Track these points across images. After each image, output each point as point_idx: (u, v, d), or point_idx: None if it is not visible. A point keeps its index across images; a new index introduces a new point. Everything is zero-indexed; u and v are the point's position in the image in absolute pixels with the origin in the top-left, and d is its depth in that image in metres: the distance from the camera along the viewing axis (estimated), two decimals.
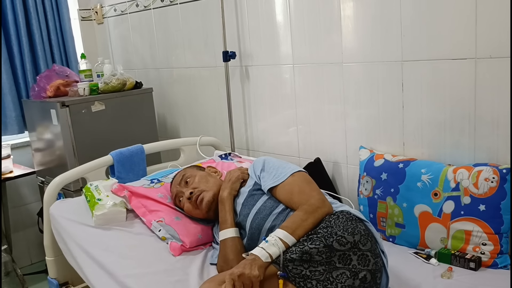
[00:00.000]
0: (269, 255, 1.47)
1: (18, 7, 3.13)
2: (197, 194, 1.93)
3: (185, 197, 1.96)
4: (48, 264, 2.33)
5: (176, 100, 3.26)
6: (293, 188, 1.75)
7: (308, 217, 1.60)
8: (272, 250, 1.48)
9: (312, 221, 1.60)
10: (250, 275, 1.40)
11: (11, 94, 3.18)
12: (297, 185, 1.76)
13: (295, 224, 1.58)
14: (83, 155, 2.74)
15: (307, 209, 1.63)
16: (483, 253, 1.79)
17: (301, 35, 2.41)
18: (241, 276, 1.40)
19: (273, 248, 1.48)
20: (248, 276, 1.40)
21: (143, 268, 1.78)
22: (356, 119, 2.29)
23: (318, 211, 1.63)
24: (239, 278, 1.40)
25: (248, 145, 2.87)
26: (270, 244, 1.50)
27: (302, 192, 1.73)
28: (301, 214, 1.62)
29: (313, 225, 1.59)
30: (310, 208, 1.64)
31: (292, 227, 1.57)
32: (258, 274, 1.41)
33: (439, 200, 1.87)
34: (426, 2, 1.94)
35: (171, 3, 3.06)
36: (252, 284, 1.41)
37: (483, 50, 1.82)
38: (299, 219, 1.60)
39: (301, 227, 1.57)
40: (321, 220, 1.61)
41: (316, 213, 1.62)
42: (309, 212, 1.62)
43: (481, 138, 1.91)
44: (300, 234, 1.55)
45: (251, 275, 1.41)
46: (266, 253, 1.47)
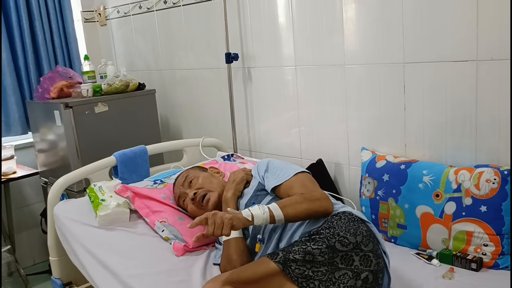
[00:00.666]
0: (251, 214, 1.53)
1: (21, 9, 3.15)
2: (202, 194, 1.95)
3: (189, 198, 1.97)
4: (52, 264, 2.34)
5: (179, 102, 3.28)
6: (295, 184, 1.76)
7: (303, 202, 1.62)
8: (255, 212, 1.54)
9: (306, 207, 1.60)
10: (223, 216, 1.48)
11: (14, 95, 3.19)
12: (299, 181, 1.77)
13: (288, 201, 1.62)
14: (86, 156, 2.75)
15: (305, 196, 1.65)
16: (485, 254, 1.80)
17: (303, 37, 2.42)
18: (214, 215, 1.48)
19: (257, 211, 1.55)
20: (221, 216, 1.48)
21: (146, 268, 1.80)
22: (358, 121, 2.30)
23: (316, 202, 1.63)
24: (212, 216, 1.48)
25: (250, 146, 2.88)
26: (256, 208, 1.56)
27: (304, 186, 1.74)
28: (298, 197, 1.64)
29: (307, 211, 1.60)
30: (309, 196, 1.65)
31: (284, 203, 1.61)
32: (230, 217, 1.49)
33: (440, 201, 1.88)
34: (427, 4, 1.95)
35: (174, 5, 3.07)
36: (223, 226, 1.47)
37: (484, 52, 1.83)
38: (294, 200, 1.63)
39: (292, 206, 1.60)
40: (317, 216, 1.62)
41: (313, 203, 1.62)
42: (306, 199, 1.63)
43: (482, 140, 1.91)
44: (289, 212, 1.57)
45: (224, 216, 1.48)
46: (249, 212, 1.54)
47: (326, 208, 1.63)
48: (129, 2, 3.37)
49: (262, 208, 1.56)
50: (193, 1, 2.94)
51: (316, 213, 1.63)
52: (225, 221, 1.47)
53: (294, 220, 1.64)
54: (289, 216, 1.58)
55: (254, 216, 1.53)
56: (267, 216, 1.54)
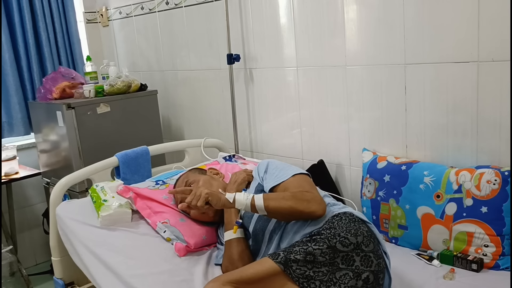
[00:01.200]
0: (233, 198, 1.63)
1: (25, 10, 3.16)
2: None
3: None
4: (54, 264, 2.35)
5: (181, 102, 3.28)
6: (292, 184, 1.75)
7: (290, 199, 1.62)
8: (239, 197, 1.63)
9: (290, 205, 1.60)
10: (202, 190, 1.63)
11: (17, 95, 3.21)
12: (296, 182, 1.76)
13: (273, 195, 1.66)
14: (88, 156, 2.76)
15: (295, 194, 1.65)
16: (485, 255, 1.80)
17: (305, 38, 2.43)
18: (197, 188, 1.65)
19: (241, 197, 1.63)
20: (201, 189, 1.63)
21: (148, 269, 1.80)
22: (359, 122, 2.31)
23: (303, 203, 1.61)
24: (195, 188, 1.65)
25: (252, 147, 2.88)
26: (242, 194, 1.64)
27: (300, 186, 1.72)
28: (287, 193, 1.66)
29: (291, 209, 1.60)
30: (299, 195, 1.64)
31: (270, 196, 1.66)
32: (207, 192, 1.62)
33: (441, 202, 1.89)
34: (428, 5, 1.95)
35: (176, 6, 3.08)
36: (199, 198, 1.61)
37: (486, 53, 1.83)
38: (281, 195, 1.66)
39: (276, 200, 1.63)
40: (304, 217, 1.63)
41: (300, 202, 1.61)
42: (295, 197, 1.63)
43: (483, 141, 1.92)
44: (270, 205, 1.61)
45: (203, 190, 1.63)
46: (233, 196, 1.64)
47: (313, 211, 1.61)
48: (131, 3, 3.38)
49: (246, 195, 1.63)
50: (195, 2, 2.95)
51: (301, 214, 1.62)
52: (202, 194, 1.61)
53: (276, 215, 1.66)
54: (269, 209, 1.60)
55: (236, 200, 1.62)
56: (248, 203, 1.61)
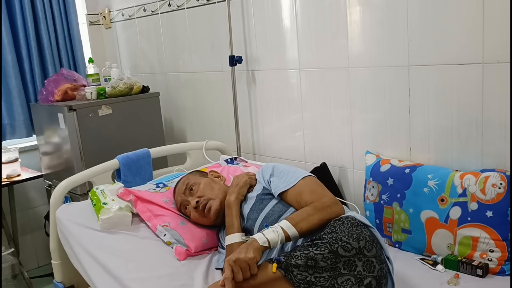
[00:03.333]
0: (267, 240, 1.51)
1: (27, 12, 3.16)
2: (204, 203, 1.93)
3: (192, 206, 1.94)
4: (54, 268, 2.33)
5: (183, 104, 3.27)
6: (304, 189, 1.75)
7: (315, 213, 1.61)
8: (271, 236, 1.52)
9: (319, 218, 1.60)
10: (246, 258, 1.44)
11: (19, 97, 3.20)
12: (308, 186, 1.76)
13: (299, 217, 1.60)
14: (90, 159, 2.75)
15: (316, 206, 1.64)
16: (491, 260, 1.77)
17: (308, 39, 2.41)
18: (237, 261, 1.44)
19: (272, 235, 1.53)
20: (244, 259, 1.43)
21: (148, 272, 1.79)
22: (363, 124, 2.28)
23: (327, 210, 1.62)
24: (235, 263, 1.43)
25: (254, 149, 2.87)
26: (270, 231, 1.54)
27: (314, 192, 1.73)
28: (309, 209, 1.63)
29: (320, 221, 1.59)
30: (320, 205, 1.64)
31: (296, 219, 1.59)
32: (253, 256, 1.45)
33: (445, 206, 1.86)
34: (432, 6, 1.93)
35: (178, 8, 3.07)
36: (250, 267, 1.43)
37: (491, 55, 1.81)
38: (305, 213, 1.61)
39: (305, 220, 1.58)
40: (327, 224, 1.60)
41: (325, 211, 1.62)
42: (317, 208, 1.62)
43: (488, 144, 1.89)
44: (303, 228, 1.56)
45: (246, 258, 1.44)
46: (264, 237, 1.51)
47: (337, 213, 1.63)
48: (133, 5, 3.38)
49: (276, 230, 1.54)
50: (197, 4, 2.94)
51: (329, 220, 1.62)
52: (250, 262, 1.44)
53: (308, 233, 1.62)
54: (303, 231, 1.57)
55: (270, 241, 1.52)
56: (282, 237, 1.53)
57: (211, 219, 1.93)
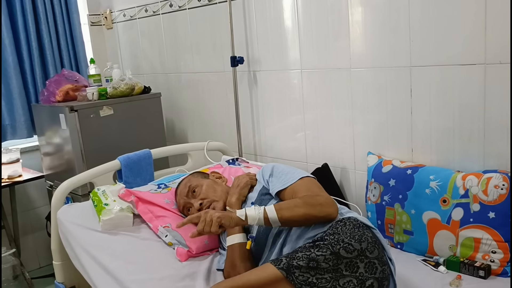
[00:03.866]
0: (245, 214, 1.55)
1: (28, 12, 3.16)
2: (208, 205, 1.93)
3: (195, 209, 1.94)
4: (55, 268, 2.33)
5: (184, 105, 3.27)
6: (301, 188, 1.74)
7: (303, 206, 1.60)
8: (250, 213, 1.56)
9: (304, 212, 1.58)
10: (213, 214, 1.53)
11: (20, 98, 3.20)
12: (305, 186, 1.75)
13: (286, 204, 1.62)
14: (91, 159, 2.75)
15: (307, 200, 1.63)
16: (493, 261, 1.77)
17: (309, 40, 2.40)
18: (206, 212, 1.55)
19: (252, 212, 1.57)
20: (211, 214, 1.54)
21: (149, 274, 1.78)
22: (364, 125, 2.28)
23: (317, 207, 1.60)
24: (204, 213, 1.55)
25: (255, 150, 2.86)
26: (252, 208, 1.58)
27: (310, 190, 1.72)
28: (298, 200, 1.63)
29: (305, 216, 1.58)
30: (311, 201, 1.62)
31: (281, 205, 1.61)
32: (219, 215, 1.53)
33: (447, 207, 1.85)
34: (434, 7, 1.92)
35: (180, 8, 3.07)
36: (212, 223, 1.52)
37: (493, 56, 1.80)
38: (293, 203, 1.62)
39: (289, 209, 1.59)
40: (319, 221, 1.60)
41: (313, 208, 1.60)
42: (307, 203, 1.61)
43: (490, 145, 1.89)
44: (285, 215, 1.57)
45: (214, 214, 1.53)
46: (243, 212, 1.56)
47: (328, 214, 1.61)
48: (135, 5, 3.38)
49: (257, 209, 1.57)
50: (199, 5, 2.94)
51: (316, 218, 1.60)
52: (213, 219, 1.52)
53: (291, 224, 1.63)
54: (284, 219, 1.57)
55: (248, 216, 1.56)
56: (261, 217, 1.56)
57: None
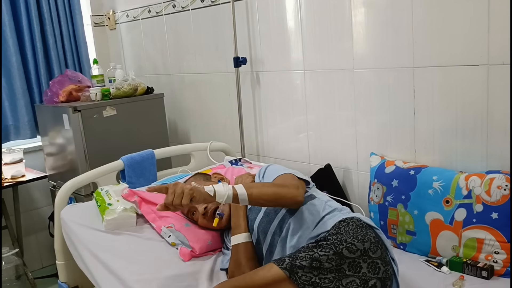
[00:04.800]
0: (213, 190, 1.54)
1: (32, 13, 3.17)
2: (212, 209, 1.91)
3: (200, 213, 1.93)
4: (58, 268, 2.34)
5: (187, 106, 3.27)
6: (277, 180, 1.77)
7: (271, 186, 1.65)
8: (218, 188, 1.55)
9: (273, 191, 1.62)
10: (183, 186, 1.50)
11: (24, 98, 3.21)
12: (282, 178, 1.78)
13: (255, 184, 1.67)
14: (94, 159, 2.76)
15: (276, 183, 1.68)
16: (496, 262, 1.77)
17: (312, 41, 2.41)
18: (175, 185, 1.51)
19: (221, 188, 1.56)
20: (181, 186, 1.50)
21: (152, 274, 1.78)
22: (367, 125, 2.28)
23: (284, 189, 1.65)
24: (173, 186, 1.51)
25: (258, 150, 2.86)
26: (221, 185, 1.57)
27: (283, 179, 1.75)
28: (267, 182, 1.68)
29: (274, 196, 1.61)
30: (279, 183, 1.68)
31: (251, 185, 1.64)
32: (191, 188, 1.50)
33: (450, 207, 1.85)
34: (437, 8, 1.93)
35: (183, 9, 3.07)
36: (183, 195, 1.48)
37: (496, 56, 1.80)
38: (262, 184, 1.67)
39: (258, 188, 1.62)
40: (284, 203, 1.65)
41: (281, 188, 1.64)
42: (275, 185, 1.66)
43: (493, 145, 1.88)
44: (254, 193, 1.58)
45: (184, 186, 1.50)
46: (212, 187, 1.54)
47: (293, 196, 1.64)
48: (138, 6, 3.38)
49: (226, 186, 1.57)
50: (202, 5, 2.94)
51: (284, 199, 1.64)
52: (185, 191, 1.49)
53: (260, 203, 1.65)
54: (253, 197, 1.58)
55: (216, 192, 1.54)
56: (230, 194, 1.55)
57: (222, 224, 1.89)
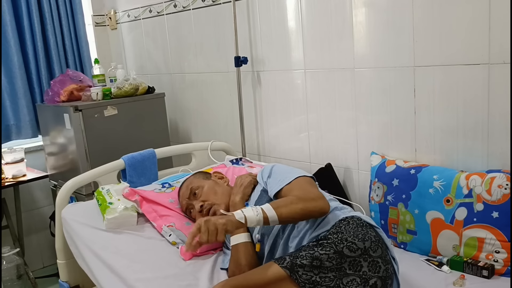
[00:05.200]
0: (244, 216, 1.49)
1: (33, 13, 3.18)
2: (208, 208, 1.93)
3: (196, 210, 1.95)
4: (59, 267, 2.34)
5: (188, 105, 3.28)
6: (294, 187, 1.73)
7: (298, 202, 1.58)
8: (249, 214, 1.50)
9: (301, 207, 1.57)
10: (216, 222, 1.44)
11: (25, 98, 3.22)
12: (298, 185, 1.74)
13: (282, 202, 1.60)
14: (95, 159, 2.76)
15: (300, 196, 1.62)
16: (496, 261, 1.77)
17: (313, 40, 2.41)
18: (207, 221, 1.44)
19: (251, 213, 1.51)
20: (214, 222, 1.44)
21: (153, 272, 1.79)
22: (368, 125, 2.28)
23: (311, 202, 1.60)
24: (205, 223, 1.44)
25: (259, 150, 2.87)
26: (250, 209, 1.52)
27: (302, 189, 1.71)
28: (292, 198, 1.62)
29: (302, 211, 1.56)
30: (304, 196, 1.62)
31: (278, 203, 1.58)
32: (224, 222, 1.45)
33: (451, 206, 1.85)
34: (438, 7, 1.93)
35: (184, 9, 3.08)
36: (217, 232, 1.43)
37: (497, 56, 1.80)
38: (288, 200, 1.60)
39: (287, 207, 1.56)
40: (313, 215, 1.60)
41: (308, 202, 1.59)
42: (301, 199, 1.60)
43: (494, 144, 1.88)
44: (283, 213, 1.54)
45: (217, 221, 1.44)
46: (242, 214, 1.50)
47: (321, 208, 1.60)
48: (139, 6, 3.39)
49: (255, 210, 1.52)
50: (203, 5, 2.94)
51: (312, 213, 1.60)
52: (219, 227, 1.44)
53: (289, 221, 1.62)
54: (283, 217, 1.54)
55: (247, 218, 1.50)
56: (260, 218, 1.51)
57: None
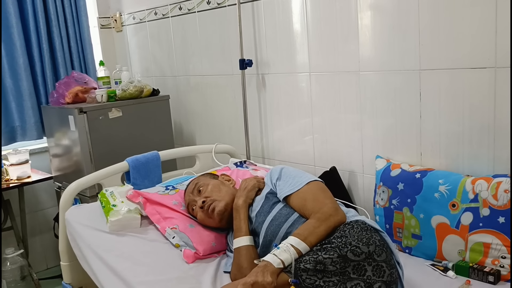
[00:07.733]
0: (281, 261, 1.47)
1: (39, 15, 3.18)
2: (209, 203, 1.93)
3: (198, 206, 1.95)
4: (63, 269, 2.34)
5: (193, 108, 3.27)
6: (307, 195, 1.75)
7: (320, 225, 1.60)
8: (284, 257, 1.48)
9: (324, 229, 1.59)
10: (264, 282, 1.41)
11: (30, 100, 3.22)
12: (311, 193, 1.75)
13: (307, 231, 1.58)
14: (99, 161, 2.76)
15: (319, 217, 1.63)
16: (502, 267, 1.75)
17: (318, 43, 2.40)
18: (254, 285, 1.41)
19: (285, 255, 1.49)
20: (262, 283, 1.41)
21: (156, 275, 1.78)
22: (373, 128, 2.27)
23: (330, 219, 1.62)
24: (253, 287, 1.40)
25: (263, 153, 2.86)
26: (282, 251, 1.50)
27: (316, 199, 1.72)
28: (313, 221, 1.62)
29: (326, 232, 1.59)
30: (323, 216, 1.63)
31: (304, 234, 1.56)
32: (271, 281, 1.42)
33: (457, 211, 1.84)
34: (444, 10, 1.92)
35: (189, 11, 3.08)
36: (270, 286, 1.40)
37: (503, 59, 1.79)
38: (311, 226, 1.60)
39: (313, 234, 1.57)
40: (335, 229, 1.60)
41: (328, 221, 1.61)
42: (321, 220, 1.61)
43: (500, 149, 1.87)
44: (313, 241, 1.54)
45: (264, 282, 1.41)
46: (278, 259, 1.47)
47: (340, 221, 1.64)
48: (144, 8, 3.39)
49: (287, 250, 1.50)
50: (208, 8, 2.95)
51: (334, 228, 1.62)
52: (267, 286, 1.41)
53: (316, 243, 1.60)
54: (313, 244, 1.55)
55: (284, 261, 1.48)
56: (295, 255, 1.50)
57: (215, 220, 1.93)
